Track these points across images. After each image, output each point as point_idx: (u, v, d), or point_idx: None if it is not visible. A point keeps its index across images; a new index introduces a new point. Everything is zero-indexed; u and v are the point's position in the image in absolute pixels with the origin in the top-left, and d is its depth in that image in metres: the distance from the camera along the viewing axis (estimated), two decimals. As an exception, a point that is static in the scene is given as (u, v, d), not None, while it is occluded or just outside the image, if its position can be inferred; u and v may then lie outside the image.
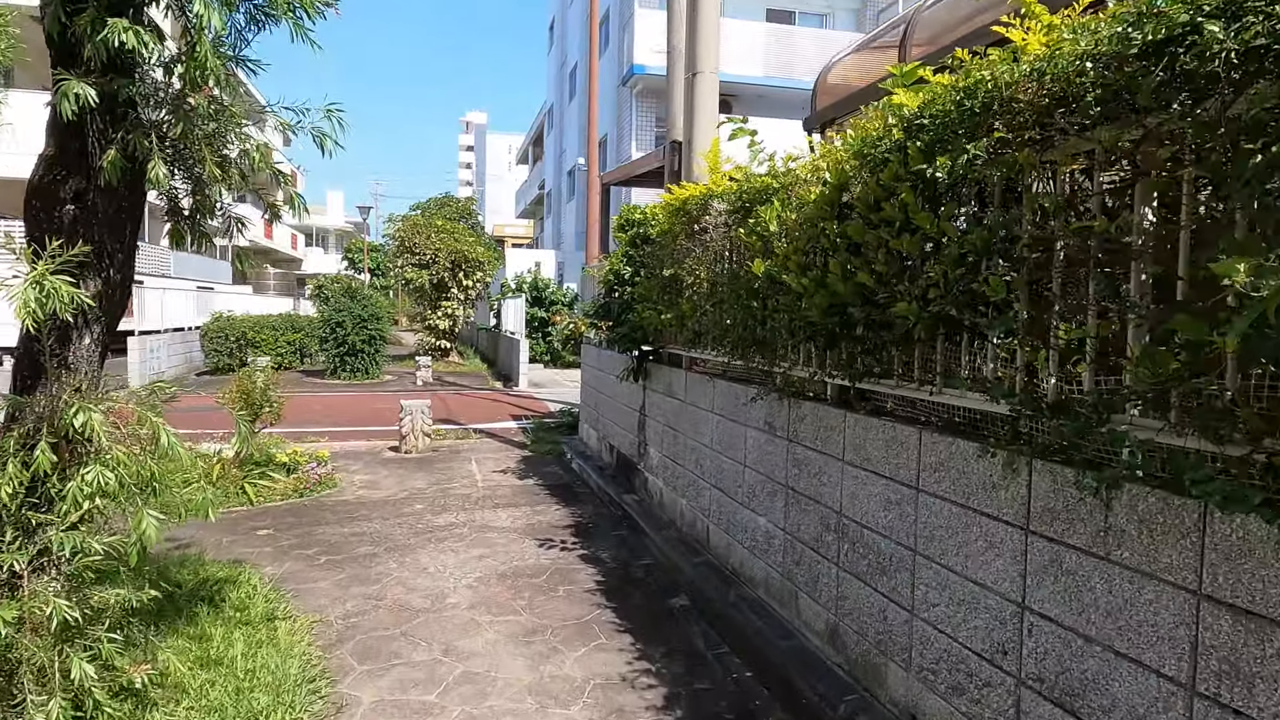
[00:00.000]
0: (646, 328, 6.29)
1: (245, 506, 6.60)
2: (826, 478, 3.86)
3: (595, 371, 9.32)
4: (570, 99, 29.69)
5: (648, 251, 6.54)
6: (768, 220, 3.89)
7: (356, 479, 7.77)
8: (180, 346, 18.09)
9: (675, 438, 6.23)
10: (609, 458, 8.55)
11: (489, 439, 10.32)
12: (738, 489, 4.97)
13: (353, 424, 11.43)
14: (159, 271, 23.43)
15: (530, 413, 12.93)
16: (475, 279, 21.18)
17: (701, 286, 5.26)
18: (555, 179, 33.41)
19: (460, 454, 9.20)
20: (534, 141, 46.45)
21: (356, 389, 16.22)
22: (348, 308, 17.54)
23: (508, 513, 6.59)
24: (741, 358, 4.71)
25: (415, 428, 9.05)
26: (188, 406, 12.24)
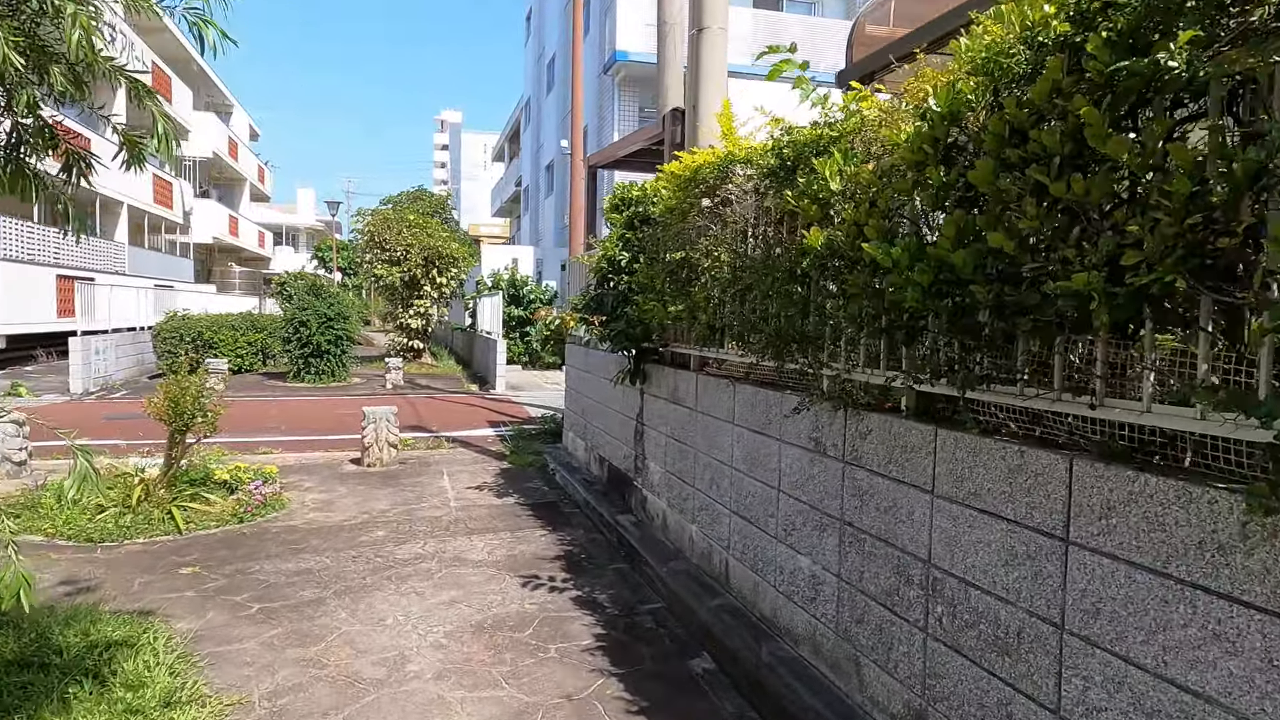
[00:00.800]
0: (648, 322, 5.34)
1: (172, 536, 5.56)
2: (905, 514, 2.94)
3: (582, 374, 8.35)
4: (548, 91, 28.70)
5: (648, 234, 5.60)
6: (826, 176, 2.96)
7: (309, 499, 6.74)
8: (131, 348, 16.85)
9: (683, 452, 5.29)
10: (599, 470, 7.59)
11: (463, 448, 9.31)
12: (768, 519, 4.04)
13: (312, 432, 10.36)
14: (112, 268, 22.12)
15: (509, 418, 11.92)
16: (450, 276, 20.12)
17: (721, 271, 4.33)
18: (533, 174, 32.39)
19: (431, 466, 8.19)
20: (510, 138, 45.39)
21: (320, 393, 15.11)
22: (312, 306, 16.41)
23: (485, 540, 5.61)
24: (775, 357, 3.78)
25: (379, 438, 8.03)
26: (116, 414, 11.03)
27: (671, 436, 5.53)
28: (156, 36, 28.66)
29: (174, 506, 5.78)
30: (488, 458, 8.76)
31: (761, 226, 3.99)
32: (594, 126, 21.73)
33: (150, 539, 5.48)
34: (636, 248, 5.74)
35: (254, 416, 11.62)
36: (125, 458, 6.72)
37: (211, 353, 17.12)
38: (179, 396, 5.83)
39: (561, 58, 25.98)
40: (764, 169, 3.80)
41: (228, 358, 17.35)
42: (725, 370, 4.83)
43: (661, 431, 5.75)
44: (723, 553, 4.62)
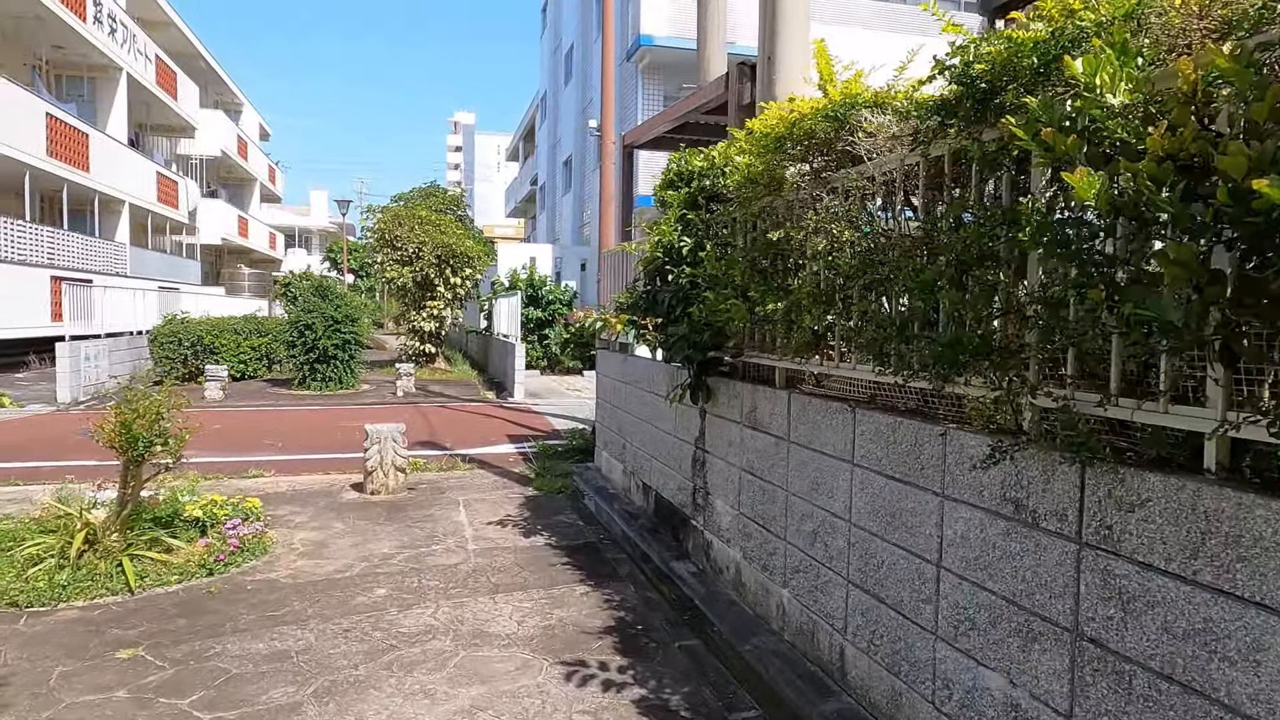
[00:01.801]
0: (720, 326, 4.15)
1: (120, 596, 4.42)
2: (1238, 652, 1.74)
3: (618, 384, 7.18)
4: (566, 83, 27.59)
5: (719, 214, 4.42)
6: (1099, 84, 1.76)
7: (298, 539, 5.60)
8: (127, 353, 15.83)
9: (765, 492, 4.11)
10: (642, 500, 6.41)
11: (482, 469, 8.16)
12: (920, 604, 2.85)
13: (312, 449, 9.24)
14: (112, 269, 21.17)
15: (531, 431, 10.76)
16: (464, 276, 18.98)
17: (840, 256, 3.14)
18: (549, 171, 31.29)
19: (445, 494, 7.03)
20: (524, 137, 44.41)
21: (326, 401, 14.02)
22: (318, 308, 15.32)
23: (513, 602, 4.44)
24: (944, 375, 2.59)
25: (385, 460, 6.88)
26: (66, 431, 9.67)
27: (747, 470, 4.34)
28: (162, 31, 27.79)
29: (126, 556, 4.65)
30: (510, 482, 7.60)
31: (919, 187, 2.80)
32: (616, 117, 20.52)
33: (92, 600, 4.34)
34: (701, 232, 4.56)
35: (249, 430, 10.52)
36: (85, 486, 5.59)
37: (212, 358, 16.07)
38: (130, 419, 4.69)
39: (580, 47, 24.87)
40: (929, 104, 2.61)
41: (229, 363, 16.29)
42: (834, 390, 3.64)
43: (731, 462, 4.57)
44: (834, 635, 3.42)
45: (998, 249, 2.33)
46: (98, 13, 20.49)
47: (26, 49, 19.84)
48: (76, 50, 20.70)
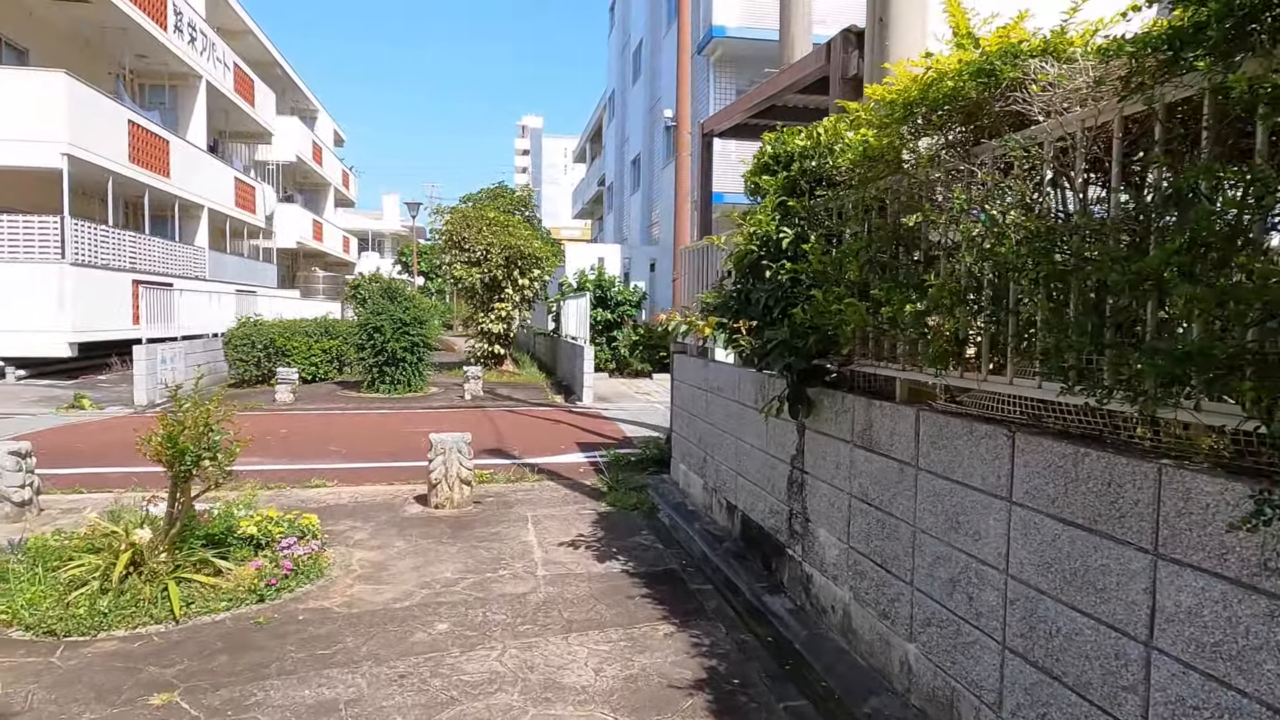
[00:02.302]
0: (834, 330, 3.54)
1: (163, 625, 4.06)
2: None
3: (698, 392, 6.61)
4: (634, 80, 27.14)
5: (826, 200, 3.82)
6: None
7: (356, 560, 5.19)
8: (203, 355, 16.00)
9: (885, 526, 3.48)
10: (727, 521, 5.83)
11: (551, 481, 7.69)
12: (1119, 692, 2.19)
13: (377, 455, 8.94)
14: (192, 273, 21.59)
15: (601, 439, 10.27)
16: (532, 277, 18.67)
17: (1003, 243, 2.50)
18: (617, 170, 30.90)
19: (512, 509, 6.57)
20: (591, 138, 44.22)
21: (394, 404, 13.83)
22: (387, 310, 15.18)
23: (588, 645, 3.91)
24: (1167, 396, 1.94)
25: (449, 472, 6.46)
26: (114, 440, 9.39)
27: (860, 498, 3.72)
28: (240, 40, 28.40)
29: (172, 580, 4.29)
30: (581, 496, 7.10)
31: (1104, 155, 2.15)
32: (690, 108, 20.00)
33: (133, 629, 3.99)
34: (803, 221, 3.96)
35: (315, 435, 10.31)
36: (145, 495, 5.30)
37: (284, 360, 16.10)
38: (177, 431, 4.34)
39: (649, 43, 24.38)
40: (1153, 37, 1.96)
41: (300, 366, 16.30)
42: (977, 407, 2.99)
43: (838, 487, 3.95)
44: (983, 709, 2.78)
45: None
46: (178, 21, 20.93)
47: (111, 58, 20.38)
48: (158, 59, 21.19)
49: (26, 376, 15.96)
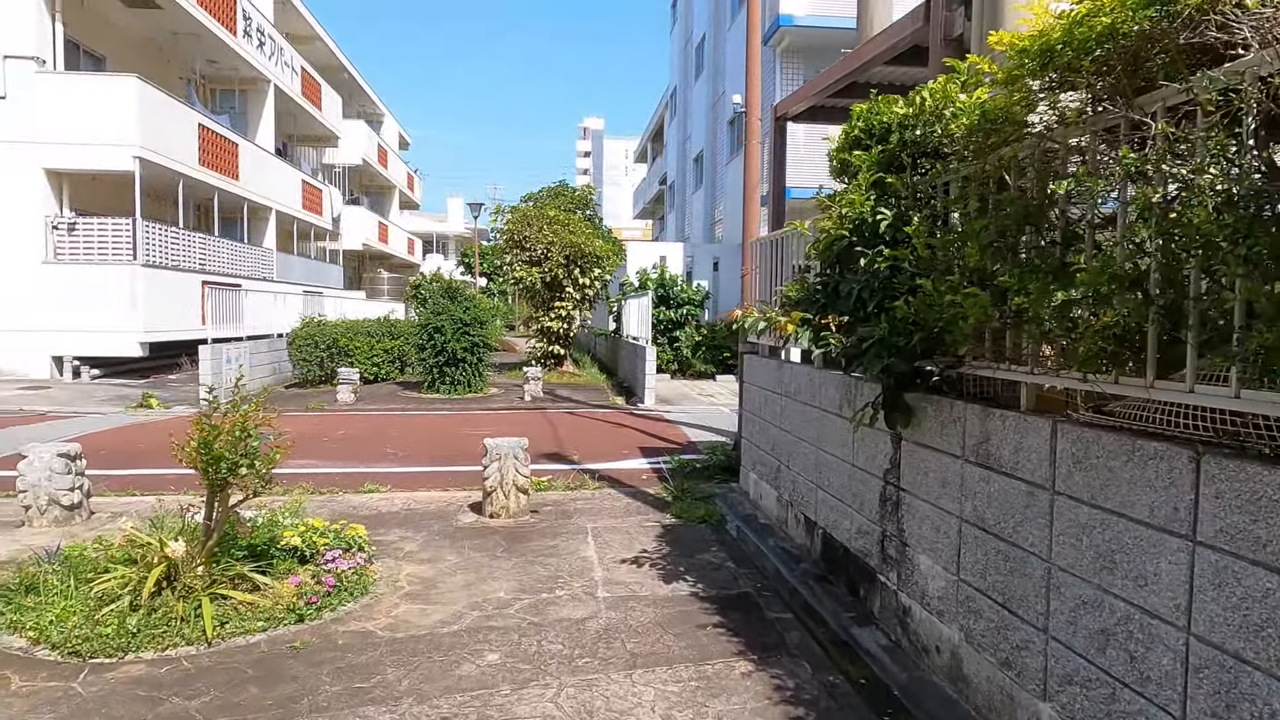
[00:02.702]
0: (948, 325, 3.00)
1: (194, 647, 3.74)
2: None
3: (771, 396, 6.09)
4: (697, 76, 26.62)
5: (936, 174, 3.28)
6: None
7: (405, 575, 4.83)
8: (267, 355, 16.10)
9: (1008, 558, 2.92)
10: (805, 538, 5.30)
11: (612, 489, 7.25)
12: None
13: (432, 459, 8.64)
14: (260, 274, 21.89)
15: (664, 443, 9.81)
16: (593, 276, 18.32)
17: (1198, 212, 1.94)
18: (679, 168, 30.43)
19: (571, 520, 6.16)
20: (653, 137, 43.86)
21: (453, 405, 13.61)
22: (447, 310, 15.01)
23: (654, 684, 3.44)
24: None
25: (505, 479, 6.08)
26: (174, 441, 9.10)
27: (974, 523, 3.17)
28: (308, 45, 28.86)
29: (207, 596, 3.98)
30: (644, 506, 6.64)
31: None
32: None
33: (163, 651, 3.68)
34: (905, 201, 3.42)
35: (372, 437, 10.09)
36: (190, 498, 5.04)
37: (346, 360, 16.10)
38: (212, 436, 4.03)
39: (712, 37, 23.84)
40: None
41: (362, 366, 16.27)
42: (1133, 420, 2.42)
43: (945, 509, 3.40)
44: (1154, 801, 2.22)
45: None
46: (247, 26, 21.25)
47: (184, 64, 20.79)
48: (228, 64, 21.55)
49: (100, 376, 16.30)
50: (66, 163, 15.55)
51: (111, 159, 15.53)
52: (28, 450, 5.81)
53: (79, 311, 15.46)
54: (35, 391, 14.20)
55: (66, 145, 15.37)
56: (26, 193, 15.38)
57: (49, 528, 5.73)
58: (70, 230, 15.75)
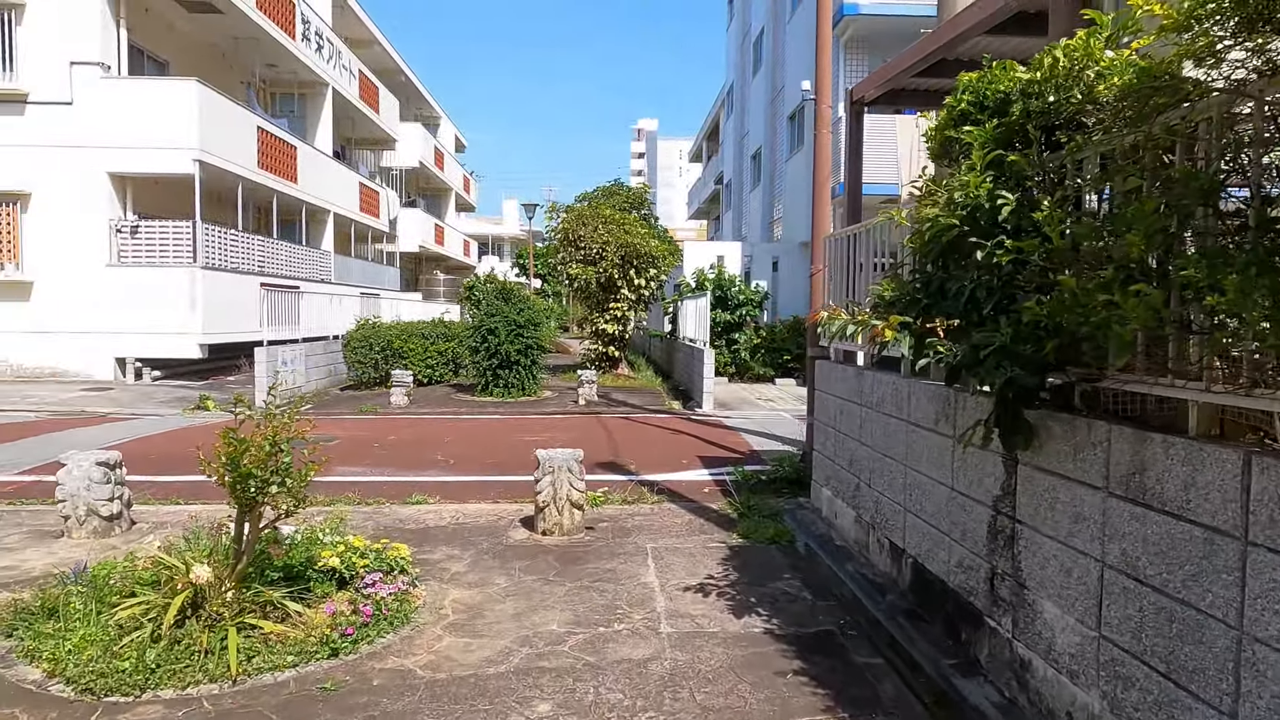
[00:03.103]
0: (1102, 329, 2.44)
1: (219, 683, 3.39)
2: None
3: (850, 406, 5.53)
4: (755, 72, 26.00)
5: (1075, 147, 2.72)
6: None
7: (449, 602, 4.43)
8: (322, 357, 16.05)
9: (1175, 619, 2.36)
10: (889, 566, 4.75)
11: (672, 502, 6.78)
12: None
13: (484, 467, 8.29)
14: (318, 276, 22.02)
15: (725, 452, 9.29)
16: (649, 277, 17.88)
17: None
18: (736, 167, 29.81)
19: (629, 537, 5.70)
20: (708, 136, 43.27)
21: (507, 409, 13.30)
22: (501, 311, 14.73)
23: (729, 746, 2.95)
24: None
25: (559, 493, 5.65)
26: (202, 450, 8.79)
27: (1123, 570, 2.60)
28: (366, 49, 29.07)
29: (234, 626, 3.63)
30: (708, 523, 6.15)
31: None
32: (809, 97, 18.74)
33: (183, 690, 3.33)
34: (1032, 181, 2.87)
35: (424, 443, 9.80)
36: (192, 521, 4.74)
37: (400, 363, 15.96)
38: (239, 452, 3.68)
39: (770, 31, 23.20)
40: None
41: (417, 369, 16.13)
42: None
43: (1081, 550, 2.83)
44: None
45: None
46: (306, 30, 21.38)
47: (244, 69, 21.01)
48: (288, 68, 21.72)
49: (161, 377, 16.46)
50: (129, 166, 15.73)
51: (172, 162, 15.66)
52: (66, 458, 5.60)
53: (140, 313, 15.62)
54: (98, 393, 14.37)
55: (129, 149, 15.55)
56: (92, 197, 15.60)
57: (87, 539, 5.51)
58: (133, 233, 15.94)
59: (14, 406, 12.73)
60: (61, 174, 15.49)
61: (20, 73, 15.35)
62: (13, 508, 6.44)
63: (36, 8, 15.32)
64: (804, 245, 19.39)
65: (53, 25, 15.32)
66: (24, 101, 15.41)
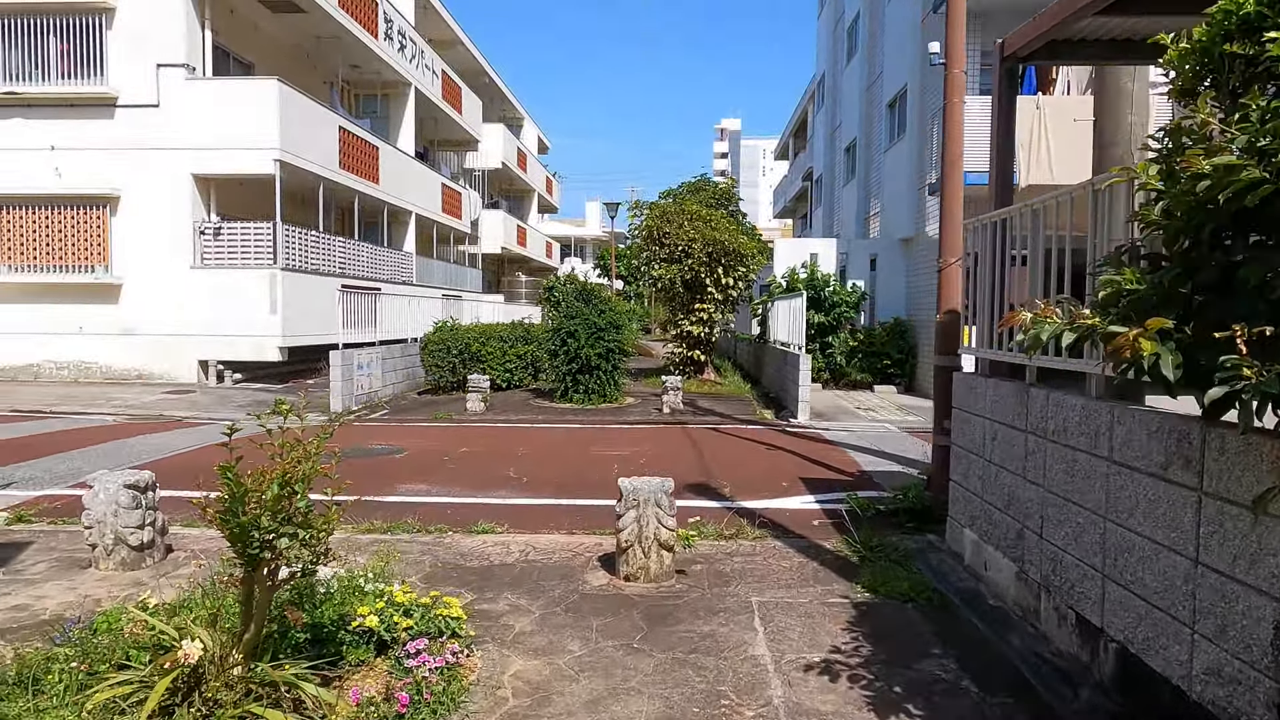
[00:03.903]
0: None
1: (202, 805, 2.57)
2: None
3: (1004, 430, 4.41)
4: (849, 59, 24.55)
5: None
6: None
7: (508, 677, 3.55)
8: (400, 360, 15.60)
9: None
10: (1075, 644, 3.62)
11: (776, 538, 5.76)
12: None
13: (559, 488, 7.43)
14: (400, 278, 21.79)
15: (831, 473, 8.20)
16: (736, 275, 16.82)
17: None
18: (827, 161, 28.36)
19: (729, 587, 4.72)
20: (794, 132, 41.76)
21: (586, 416, 12.49)
22: (581, 313, 13.95)
23: None
24: None
25: (644, 532, 4.72)
26: (343, 449, 8.05)
27: None
28: (450, 50, 28.92)
29: (244, 714, 2.82)
30: (823, 569, 5.11)
31: None
32: (915, 86, 17.32)
33: (157, 813, 2.52)
34: None
35: (496, 455, 9.04)
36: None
37: (478, 366, 15.38)
38: (238, 495, 2.87)
39: (867, 14, 21.76)
40: None
41: (495, 372, 15.52)
42: None
43: None
44: None
45: None
46: (388, 29, 21.17)
47: (328, 69, 20.93)
48: (371, 68, 21.57)
49: (242, 380, 16.34)
50: (212, 168, 15.64)
51: (253, 162, 15.49)
52: (94, 479, 4.99)
53: (222, 316, 15.51)
54: (179, 396, 14.25)
55: (212, 150, 15.45)
56: (177, 199, 15.58)
57: (115, 571, 4.88)
58: (216, 235, 15.85)
59: (97, 409, 12.64)
60: (148, 176, 15.51)
61: (110, 76, 15.44)
62: (53, 527, 5.93)
63: (125, 12, 15.37)
64: (904, 242, 17.94)
65: (140, 28, 15.35)
66: (113, 105, 15.49)
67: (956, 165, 6.49)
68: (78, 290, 15.72)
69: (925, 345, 16.34)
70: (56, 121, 15.56)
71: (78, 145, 15.53)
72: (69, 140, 15.55)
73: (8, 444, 9.41)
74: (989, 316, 4.90)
